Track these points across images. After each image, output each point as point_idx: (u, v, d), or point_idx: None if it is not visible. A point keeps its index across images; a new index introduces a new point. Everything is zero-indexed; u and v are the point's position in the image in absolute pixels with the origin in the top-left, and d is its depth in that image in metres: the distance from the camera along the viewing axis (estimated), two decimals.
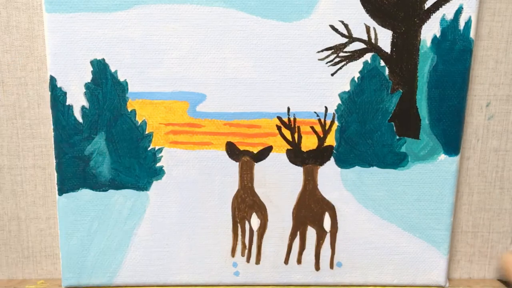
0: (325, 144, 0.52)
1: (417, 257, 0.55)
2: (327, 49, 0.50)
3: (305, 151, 0.52)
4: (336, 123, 0.51)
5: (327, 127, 0.51)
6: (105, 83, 0.50)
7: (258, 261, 0.54)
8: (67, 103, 0.50)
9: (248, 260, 0.54)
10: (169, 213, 0.53)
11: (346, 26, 0.49)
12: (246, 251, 0.54)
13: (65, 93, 0.50)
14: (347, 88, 0.50)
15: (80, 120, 0.50)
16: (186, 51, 0.49)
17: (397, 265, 0.55)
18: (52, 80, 0.49)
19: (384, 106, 0.51)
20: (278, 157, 0.52)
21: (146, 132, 0.51)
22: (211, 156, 0.52)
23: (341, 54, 0.50)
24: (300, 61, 0.50)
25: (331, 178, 0.52)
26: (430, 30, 0.49)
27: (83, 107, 0.50)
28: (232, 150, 0.52)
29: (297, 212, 0.53)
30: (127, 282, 0.54)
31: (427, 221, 0.54)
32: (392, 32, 0.50)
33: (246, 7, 0.48)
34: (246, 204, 0.53)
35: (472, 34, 0.49)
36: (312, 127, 0.51)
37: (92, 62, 0.49)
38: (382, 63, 0.50)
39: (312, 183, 0.53)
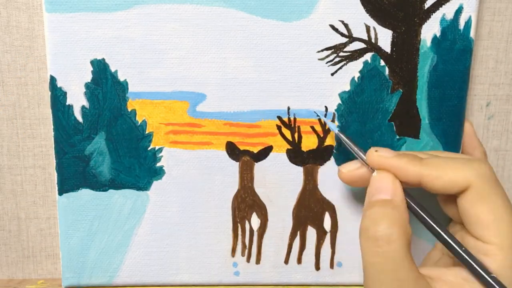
0: (325, 144, 0.52)
1: (417, 257, 0.55)
2: (327, 49, 0.50)
3: (305, 150, 0.52)
4: (336, 122, 0.51)
5: (327, 126, 0.51)
6: (105, 83, 0.50)
7: (258, 261, 0.54)
8: (67, 103, 0.50)
9: (248, 260, 0.54)
10: (169, 213, 0.53)
11: (346, 26, 0.49)
12: (246, 251, 0.54)
13: (65, 93, 0.50)
14: (347, 88, 0.50)
15: (80, 120, 0.50)
16: (186, 51, 0.49)
17: None
18: (52, 80, 0.49)
19: (384, 106, 0.51)
20: (278, 157, 0.52)
21: (146, 132, 0.51)
22: (211, 156, 0.52)
23: (341, 54, 0.50)
24: (300, 61, 0.50)
25: (331, 178, 0.52)
26: (430, 30, 0.49)
27: (83, 107, 0.50)
28: (232, 150, 0.52)
29: (297, 212, 0.53)
30: (127, 282, 0.54)
31: None
32: (392, 32, 0.50)
33: (246, 7, 0.48)
34: (246, 204, 0.53)
35: (472, 34, 0.49)
36: (312, 127, 0.51)
37: (92, 62, 0.49)
38: (382, 63, 0.50)
39: (312, 183, 0.52)
